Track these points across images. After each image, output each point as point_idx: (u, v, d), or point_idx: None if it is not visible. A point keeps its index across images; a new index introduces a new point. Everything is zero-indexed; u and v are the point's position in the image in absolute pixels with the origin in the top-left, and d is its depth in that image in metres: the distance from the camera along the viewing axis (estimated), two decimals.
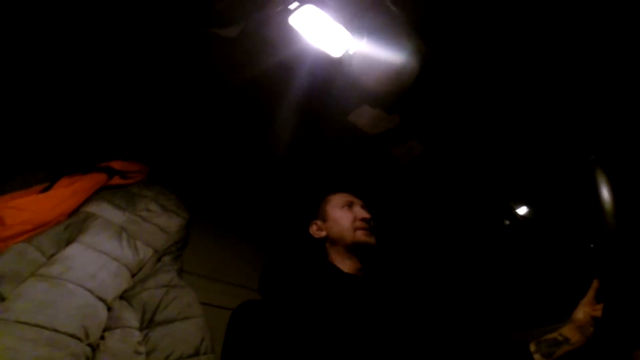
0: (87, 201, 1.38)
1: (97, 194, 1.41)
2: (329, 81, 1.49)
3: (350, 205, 1.19)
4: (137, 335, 1.16)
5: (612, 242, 0.78)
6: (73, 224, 1.28)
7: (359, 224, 1.14)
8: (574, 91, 1.40)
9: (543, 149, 1.65)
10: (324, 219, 1.19)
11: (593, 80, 1.33)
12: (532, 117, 1.54)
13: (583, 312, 0.83)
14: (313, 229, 1.19)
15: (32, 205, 1.21)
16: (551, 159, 1.67)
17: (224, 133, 1.73)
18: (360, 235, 1.12)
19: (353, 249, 1.12)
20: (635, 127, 1.40)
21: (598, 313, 0.80)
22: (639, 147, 1.41)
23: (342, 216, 1.16)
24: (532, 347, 0.84)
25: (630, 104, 1.36)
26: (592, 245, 1.68)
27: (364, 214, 1.16)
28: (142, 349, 1.14)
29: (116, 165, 1.49)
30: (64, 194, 1.32)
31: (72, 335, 0.98)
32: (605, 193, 0.85)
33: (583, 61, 1.29)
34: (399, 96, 1.50)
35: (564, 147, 1.59)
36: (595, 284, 0.86)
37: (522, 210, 1.91)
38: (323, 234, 1.17)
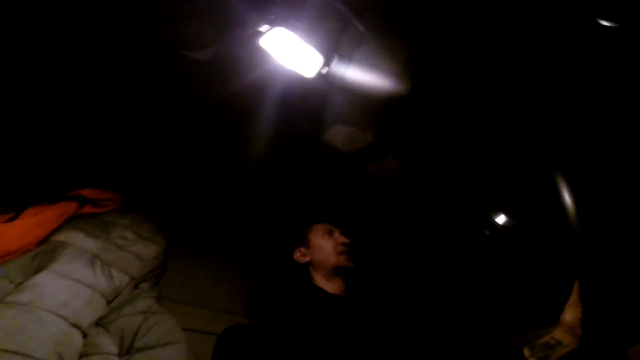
0: (56, 230, 1.32)
1: (67, 223, 1.36)
2: (302, 101, 1.54)
3: (330, 232, 1.35)
4: None
5: (578, 245, 0.82)
6: (42, 252, 1.22)
7: (340, 248, 1.30)
8: (542, 97, 1.39)
9: (514, 156, 1.64)
10: (308, 246, 1.34)
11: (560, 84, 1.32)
12: (499, 126, 1.55)
13: (570, 314, 0.83)
14: (297, 255, 1.32)
15: None
16: (523, 164, 1.66)
17: (197, 156, 1.73)
18: (342, 259, 1.27)
19: (336, 272, 1.26)
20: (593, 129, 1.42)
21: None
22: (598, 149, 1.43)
23: (325, 243, 1.32)
24: (526, 352, 0.83)
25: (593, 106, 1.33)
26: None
27: (343, 239, 1.33)
28: None
29: (87, 193, 1.44)
30: (30, 224, 1.26)
31: None
32: (567, 198, 0.89)
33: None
34: (375, 115, 1.56)
35: (532, 151, 1.56)
36: (576, 285, 0.87)
37: (500, 220, 1.90)
38: (307, 259, 1.31)
